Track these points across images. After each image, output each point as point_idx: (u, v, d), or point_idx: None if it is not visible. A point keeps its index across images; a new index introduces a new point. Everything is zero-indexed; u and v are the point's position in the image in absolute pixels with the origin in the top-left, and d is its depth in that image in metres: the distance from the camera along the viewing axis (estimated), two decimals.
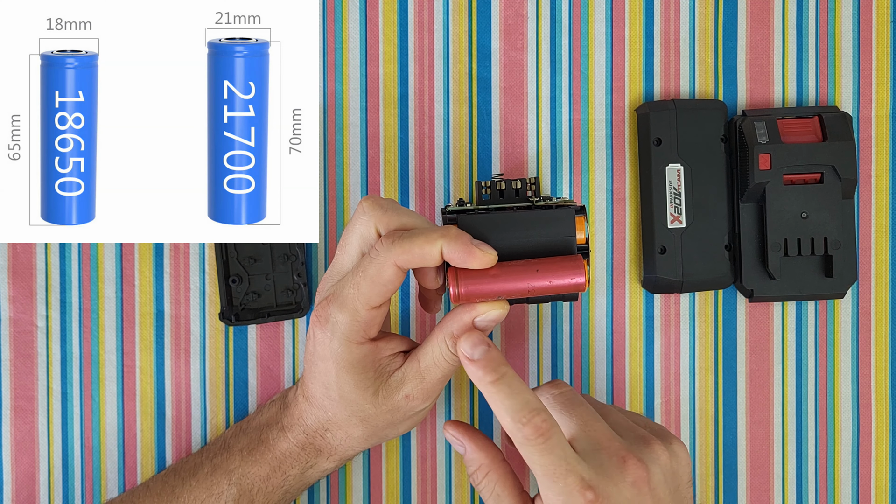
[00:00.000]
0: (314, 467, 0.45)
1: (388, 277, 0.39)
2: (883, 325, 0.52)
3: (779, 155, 0.49)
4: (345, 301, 0.40)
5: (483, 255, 0.39)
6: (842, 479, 0.52)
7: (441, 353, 0.41)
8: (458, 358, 0.41)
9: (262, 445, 0.45)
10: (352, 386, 0.42)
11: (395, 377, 0.42)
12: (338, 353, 0.41)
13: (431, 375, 0.42)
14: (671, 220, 0.50)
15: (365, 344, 0.41)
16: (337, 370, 0.41)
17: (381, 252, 0.39)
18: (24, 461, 0.51)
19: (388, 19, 0.51)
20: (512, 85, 0.51)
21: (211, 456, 0.45)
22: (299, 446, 0.44)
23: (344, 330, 0.40)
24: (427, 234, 0.39)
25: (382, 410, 0.42)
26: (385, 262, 0.39)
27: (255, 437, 0.45)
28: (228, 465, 0.44)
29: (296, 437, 0.44)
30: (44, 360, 0.51)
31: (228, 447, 0.45)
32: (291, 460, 0.44)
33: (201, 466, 0.45)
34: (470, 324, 0.40)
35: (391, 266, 0.39)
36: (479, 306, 0.40)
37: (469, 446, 0.42)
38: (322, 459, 0.45)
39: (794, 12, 0.52)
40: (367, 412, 0.42)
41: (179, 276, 0.51)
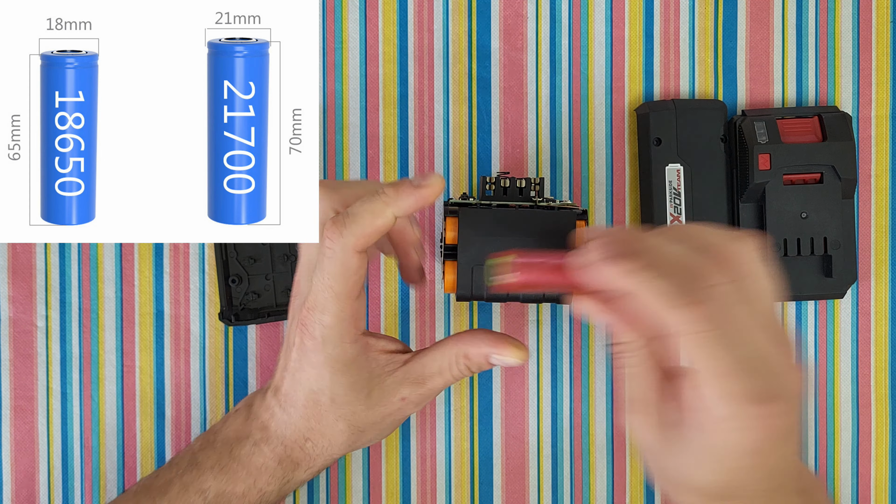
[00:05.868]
0: (290, 482, 0.42)
1: (354, 267, 0.38)
2: (883, 326, 0.52)
3: (778, 155, 0.49)
4: (324, 304, 0.39)
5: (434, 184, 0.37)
6: (842, 479, 0.52)
7: (450, 363, 0.40)
8: (466, 375, 0.40)
9: (234, 462, 0.42)
10: (346, 388, 0.40)
11: (394, 377, 0.41)
12: (332, 356, 0.39)
13: (433, 383, 0.41)
14: (671, 220, 0.50)
15: (358, 340, 0.40)
16: (331, 374, 0.40)
17: (336, 244, 0.37)
18: (24, 461, 0.50)
19: (388, 19, 0.51)
20: (512, 85, 0.52)
21: (180, 473, 0.42)
22: (276, 460, 0.42)
23: (334, 331, 0.39)
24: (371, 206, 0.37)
25: (374, 413, 0.41)
26: (344, 254, 0.37)
27: (226, 453, 0.42)
28: (201, 484, 0.41)
29: (273, 450, 0.42)
30: (43, 360, 0.51)
31: (198, 463, 0.42)
32: (268, 476, 0.41)
33: (171, 485, 0.42)
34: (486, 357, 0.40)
35: (351, 255, 0.37)
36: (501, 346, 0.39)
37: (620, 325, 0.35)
38: (300, 472, 0.42)
39: (793, 12, 0.52)
40: (358, 415, 0.41)
41: (179, 276, 0.51)
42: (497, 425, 0.51)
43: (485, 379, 0.51)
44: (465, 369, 0.41)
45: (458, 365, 0.40)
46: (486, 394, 0.51)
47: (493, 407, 0.51)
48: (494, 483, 0.51)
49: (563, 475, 0.51)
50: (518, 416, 0.51)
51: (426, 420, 0.51)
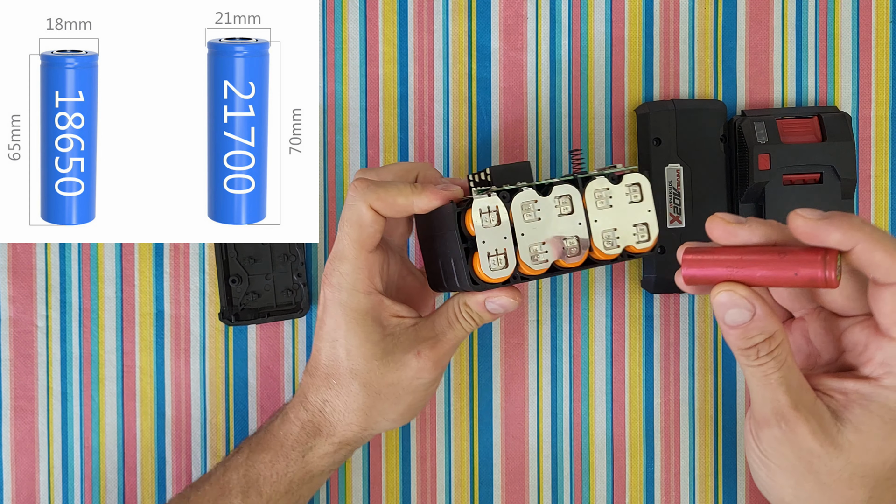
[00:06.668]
0: (313, 450, 0.44)
1: (368, 220, 0.41)
2: None
3: (778, 155, 0.49)
4: (343, 252, 0.42)
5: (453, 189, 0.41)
6: None
7: (455, 314, 0.42)
8: (472, 325, 0.42)
9: (266, 434, 0.45)
10: (361, 339, 0.42)
11: (407, 335, 0.43)
12: (346, 302, 0.42)
13: (446, 337, 0.42)
14: (670, 220, 0.50)
15: (372, 294, 0.42)
16: (346, 322, 0.42)
17: (357, 196, 0.41)
18: (24, 461, 0.50)
19: (388, 19, 0.51)
20: (512, 85, 0.52)
21: (224, 461, 0.46)
22: (299, 426, 0.44)
23: (349, 279, 0.42)
24: (400, 186, 0.41)
25: (390, 370, 0.42)
26: (361, 205, 0.41)
27: (262, 431, 0.46)
28: (237, 461, 0.45)
29: (297, 416, 0.44)
30: (44, 360, 0.51)
31: (240, 449, 0.46)
32: (292, 441, 0.44)
33: (215, 471, 0.46)
34: (482, 302, 0.41)
35: (367, 209, 0.40)
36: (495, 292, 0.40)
37: (761, 311, 0.35)
38: (321, 441, 0.44)
39: (793, 13, 0.52)
40: (373, 373, 0.42)
41: (179, 276, 0.51)
42: (497, 425, 0.51)
43: (485, 379, 0.51)
44: (469, 318, 0.42)
45: (462, 314, 0.42)
46: (486, 394, 0.51)
47: (493, 407, 0.51)
48: (494, 483, 0.51)
49: (563, 475, 0.51)
50: (518, 417, 0.51)
51: (426, 420, 0.51)
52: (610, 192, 0.42)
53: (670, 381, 0.51)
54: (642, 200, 0.42)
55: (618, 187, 0.42)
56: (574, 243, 0.41)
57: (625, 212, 0.42)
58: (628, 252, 0.42)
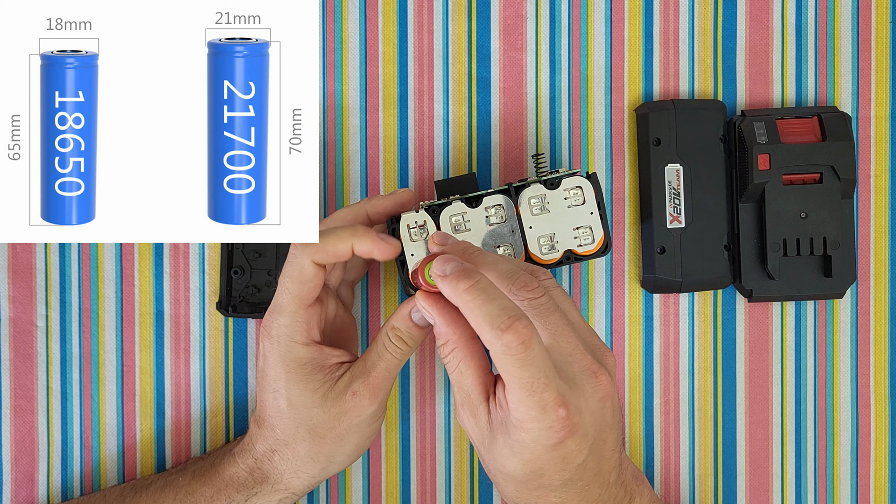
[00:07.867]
0: (257, 496, 0.45)
1: (310, 275, 0.42)
2: (882, 325, 0.52)
3: (778, 155, 0.49)
4: (282, 306, 0.43)
5: (388, 246, 0.42)
6: (841, 480, 0.52)
7: (384, 344, 0.43)
8: (401, 350, 0.43)
9: (212, 469, 0.46)
10: (300, 388, 0.43)
11: (343, 379, 0.44)
12: (285, 355, 0.43)
13: (377, 370, 0.43)
14: (670, 220, 0.50)
15: (310, 345, 0.43)
16: (286, 373, 0.43)
17: (297, 252, 0.42)
18: (24, 461, 0.51)
19: (388, 19, 0.51)
20: (511, 85, 0.52)
21: (167, 474, 0.48)
22: (247, 471, 0.45)
23: (287, 332, 0.43)
24: (338, 232, 0.42)
25: (331, 415, 0.43)
26: (303, 260, 0.42)
27: (209, 462, 0.47)
28: (179, 481, 0.46)
29: (244, 461, 0.45)
30: (44, 360, 0.51)
31: (185, 467, 0.48)
32: (237, 485, 0.45)
33: (156, 481, 0.47)
34: (407, 315, 0.42)
35: (308, 263, 0.42)
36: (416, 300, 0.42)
37: (439, 320, 0.40)
38: (267, 488, 0.45)
39: (793, 12, 0.52)
40: (316, 419, 0.43)
41: (179, 276, 0.51)
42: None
43: None
44: (399, 342, 0.43)
45: (391, 341, 0.43)
46: None
47: None
48: None
49: None
50: None
51: (426, 420, 0.51)
52: (547, 198, 0.43)
53: (670, 381, 0.51)
54: (584, 203, 0.44)
55: (555, 192, 0.44)
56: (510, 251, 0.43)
57: (563, 216, 0.44)
58: (575, 255, 0.44)
